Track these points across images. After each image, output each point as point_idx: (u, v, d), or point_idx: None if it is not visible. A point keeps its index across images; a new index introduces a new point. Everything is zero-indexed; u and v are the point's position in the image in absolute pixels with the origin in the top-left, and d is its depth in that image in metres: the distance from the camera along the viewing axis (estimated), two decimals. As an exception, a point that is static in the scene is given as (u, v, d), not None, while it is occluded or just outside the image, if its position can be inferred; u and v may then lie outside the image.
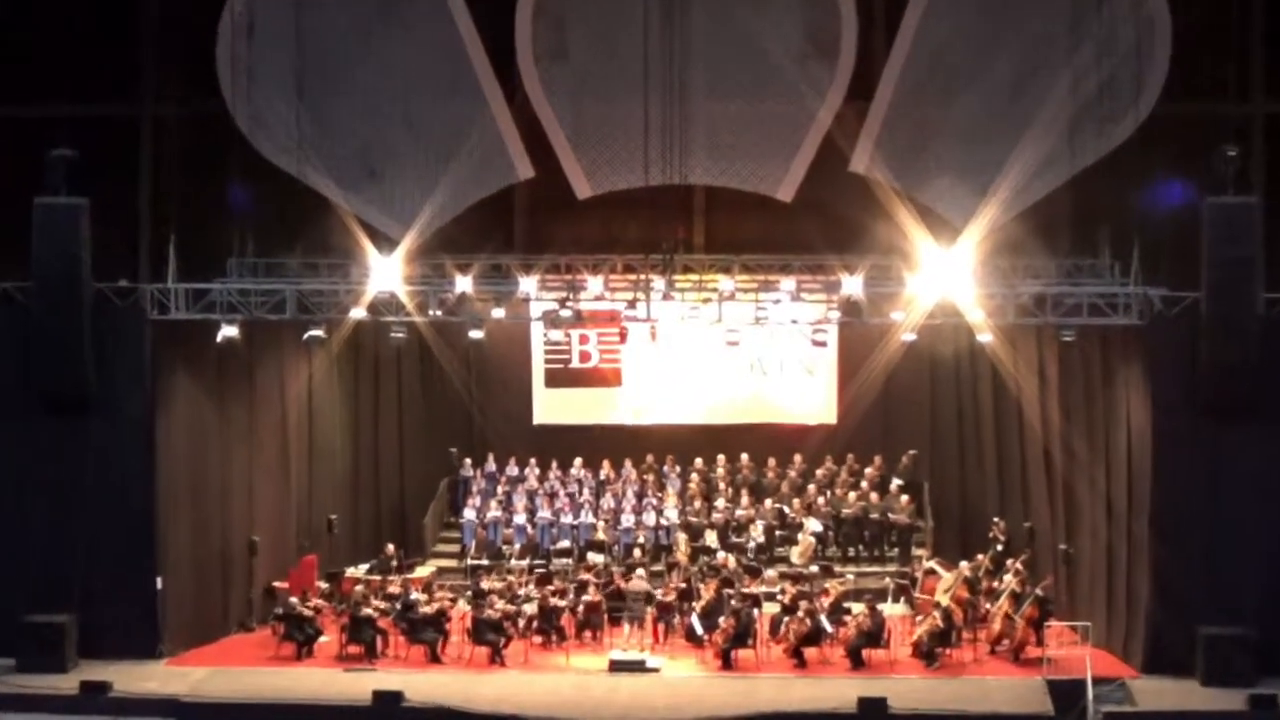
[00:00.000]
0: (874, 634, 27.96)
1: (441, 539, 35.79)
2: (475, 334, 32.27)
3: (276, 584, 31.47)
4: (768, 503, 34.30)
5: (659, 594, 29.96)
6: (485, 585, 30.49)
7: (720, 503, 34.43)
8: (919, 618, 29.32)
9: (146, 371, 28.46)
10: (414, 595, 29.68)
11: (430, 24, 29.31)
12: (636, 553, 32.75)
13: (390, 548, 32.97)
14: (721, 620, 28.43)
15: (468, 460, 36.26)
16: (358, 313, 29.59)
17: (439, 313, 29.82)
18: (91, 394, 28.18)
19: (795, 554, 33.20)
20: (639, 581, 30.05)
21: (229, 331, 29.18)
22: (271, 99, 29.29)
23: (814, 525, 33.54)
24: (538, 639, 29.20)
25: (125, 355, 28.33)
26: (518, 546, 33.55)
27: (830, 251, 29.54)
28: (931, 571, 30.52)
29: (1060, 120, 28.45)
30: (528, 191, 32.89)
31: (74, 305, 27.74)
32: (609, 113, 29.45)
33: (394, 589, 30.54)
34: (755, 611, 28.76)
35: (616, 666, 27.81)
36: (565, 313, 29.53)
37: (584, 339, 36.07)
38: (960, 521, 34.63)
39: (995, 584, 29.73)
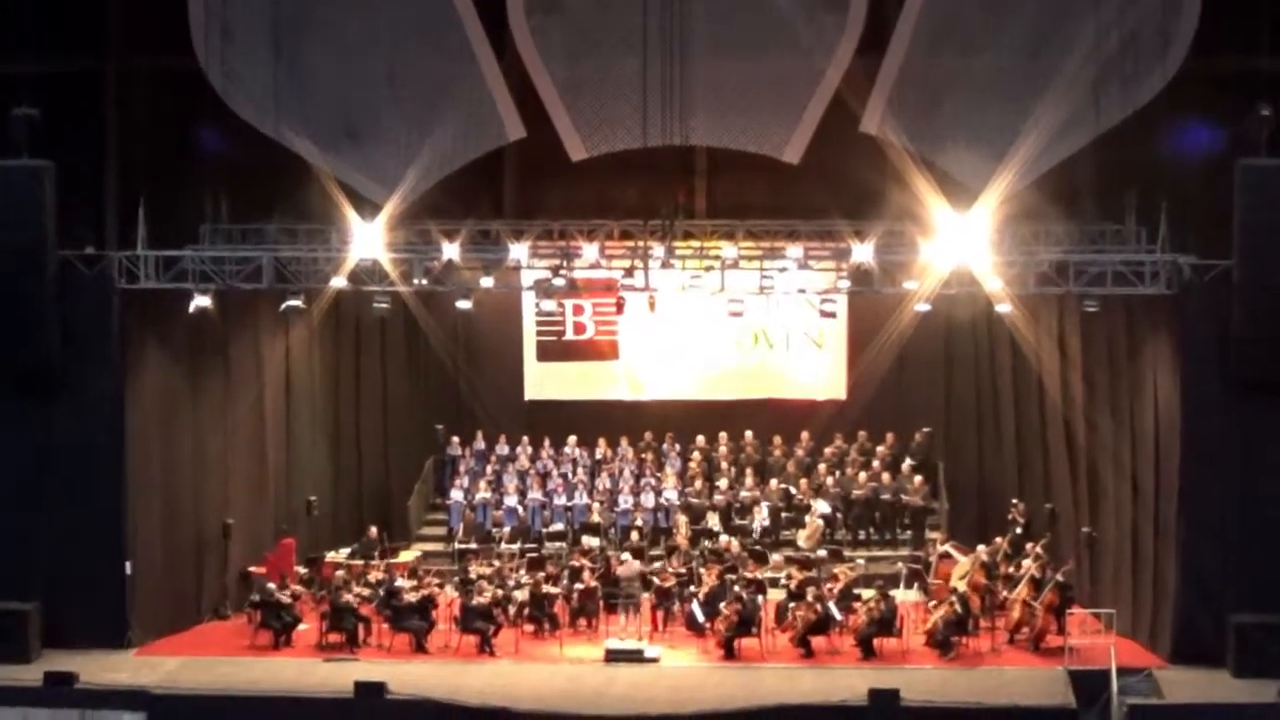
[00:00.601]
0: (886, 622, 27.92)
1: (427, 521, 35.75)
2: (463, 304, 32.19)
3: (253, 569, 31.36)
4: (773, 483, 34.26)
5: (658, 580, 29.90)
6: (473, 570, 30.39)
7: (723, 483, 34.39)
8: (933, 605, 29.29)
9: (114, 344, 28.38)
10: (398, 581, 29.65)
11: (415, -26, 29.26)
12: (634, 536, 32.67)
13: (373, 531, 32.89)
14: (724, 607, 28.40)
15: (455, 438, 36.22)
16: (338, 282, 29.49)
17: (424, 282, 29.75)
18: (56, 368, 28.07)
19: (802, 537, 33.18)
20: (630, 565, 29.94)
21: (202, 301, 29.07)
22: (247, 54, 29.10)
23: (822, 507, 33.50)
24: (529, 627, 29.18)
25: (92, 327, 28.23)
26: (508, 529, 33.49)
27: (840, 217, 29.43)
28: (947, 556, 30.51)
29: (1083, 78, 28.25)
30: (518, 153, 32.73)
31: (37, 274, 27.61)
32: (605, 69, 29.25)
33: (377, 574, 30.48)
34: (760, 598, 28.74)
35: (613, 656, 27.77)
36: (558, 282, 29.48)
37: (578, 310, 36.10)
38: (977, 503, 34.62)
39: (1014, 569, 29.67)
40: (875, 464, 34.53)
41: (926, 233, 28.54)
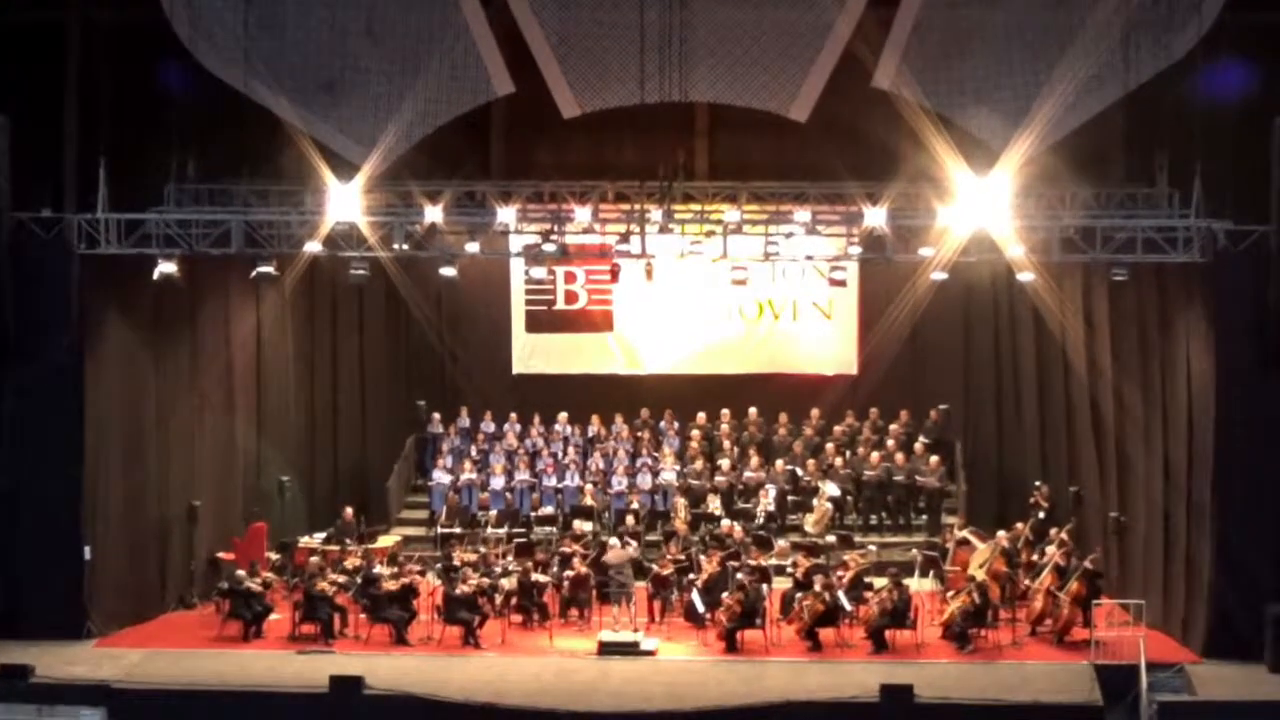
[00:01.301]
0: (899, 613, 27.83)
1: (408, 504, 35.74)
2: (447, 271, 32.00)
3: (221, 555, 31.37)
4: (779, 464, 34.19)
5: (655, 567, 29.83)
6: (457, 557, 30.34)
7: (724, 464, 34.32)
8: (950, 594, 29.24)
9: (73, 313, 28.30)
10: (376, 568, 29.56)
11: (396, -83, 29.13)
12: (629, 520, 32.55)
13: (349, 513, 32.77)
14: (725, 597, 28.35)
15: (437, 415, 36.20)
16: (313, 247, 29.42)
17: (406, 247, 29.70)
18: (10, 338, 27.94)
19: (810, 522, 33.17)
20: (619, 551, 29.80)
21: (167, 268, 28.96)
22: (215, 3, 28.92)
23: (831, 489, 33.46)
24: (517, 618, 29.15)
25: (48, 295, 28.12)
26: (494, 513, 33.42)
27: (850, 178, 29.38)
28: (964, 542, 30.40)
29: (1113, 29, 28.11)
30: (507, 110, 32.88)
31: (-11, 238, 27.56)
32: (600, 20, 29.11)
33: (354, 561, 30.44)
34: (764, 587, 28.67)
35: (606, 649, 27.70)
36: (549, 247, 29.42)
37: (570, 277, 36.10)
38: (997, 485, 34.62)
39: (1036, 556, 29.66)
40: (888, 443, 34.49)
41: (943, 196, 28.46)
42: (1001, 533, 30.28)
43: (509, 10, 29.22)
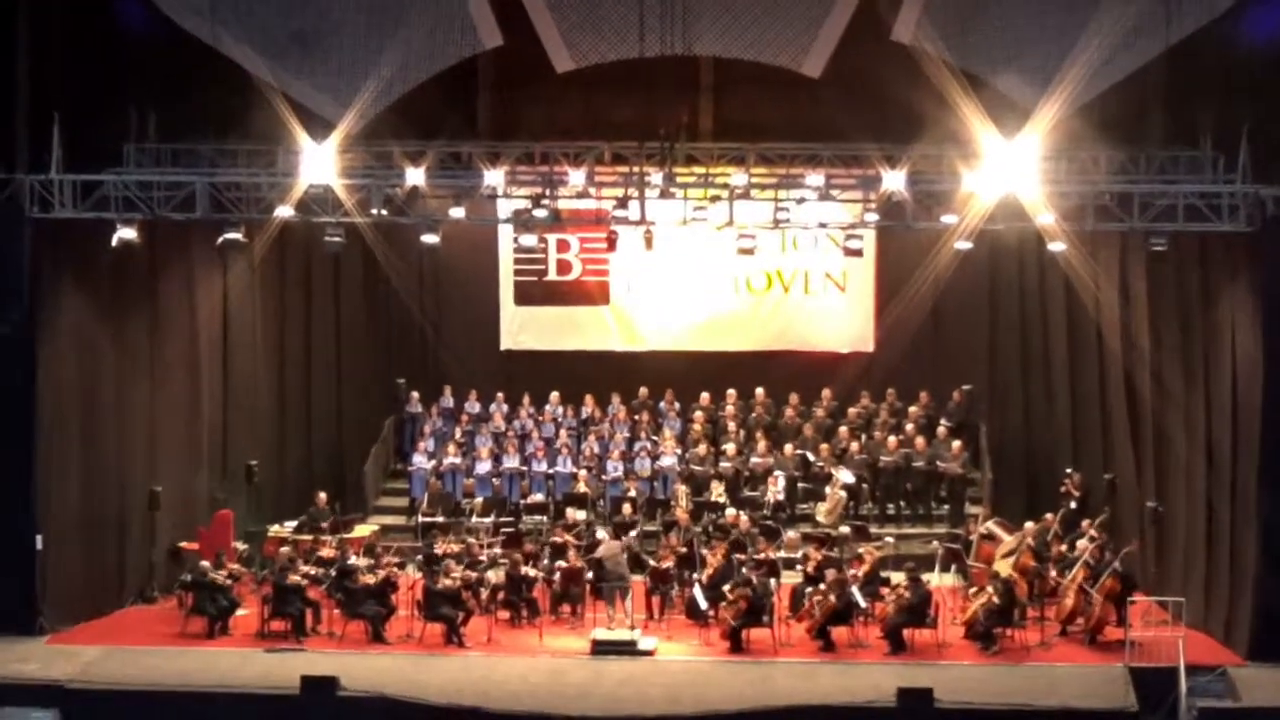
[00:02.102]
0: (918, 610, 27.79)
1: (386, 491, 35.79)
2: (429, 239, 31.96)
3: (184, 545, 31.33)
4: (788, 448, 34.16)
5: (653, 560, 29.79)
6: (440, 548, 30.32)
7: (729, 448, 34.26)
8: (973, 591, 29.13)
9: (25, 282, 28.18)
10: (352, 560, 29.49)
11: None
12: (626, 509, 32.49)
13: (323, 500, 32.71)
14: (730, 593, 28.26)
15: (416, 395, 36.22)
16: (285, 212, 29.40)
17: (385, 212, 29.71)
18: (-44, 310, 27.93)
19: (822, 512, 33.13)
20: (610, 544, 29.69)
21: (126, 234, 28.85)
22: (178, -53, 29.04)
23: (845, 476, 33.39)
24: (504, 614, 29.15)
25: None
26: (480, 500, 33.40)
27: (868, 139, 29.27)
28: (989, 534, 30.44)
29: (1152, -23, 28.19)
30: (495, 64, 32.87)
31: (-65, 200, 27.54)
32: (596, -36, 29.28)
33: (328, 552, 30.42)
34: (772, 582, 28.66)
35: (601, 648, 27.65)
36: (540, 213, 29.43)
37: (563, 246, 36.14)
38: (1025, 473, 34.61)
39: (1067, 550, 29.55)
40: (908, 427, 34.47)
41: (968, 159, 28.37)
42: (1029, 524, 30.26)
43: (497, -46, 29.29)
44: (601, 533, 30.64)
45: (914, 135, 29.42)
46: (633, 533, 31.05)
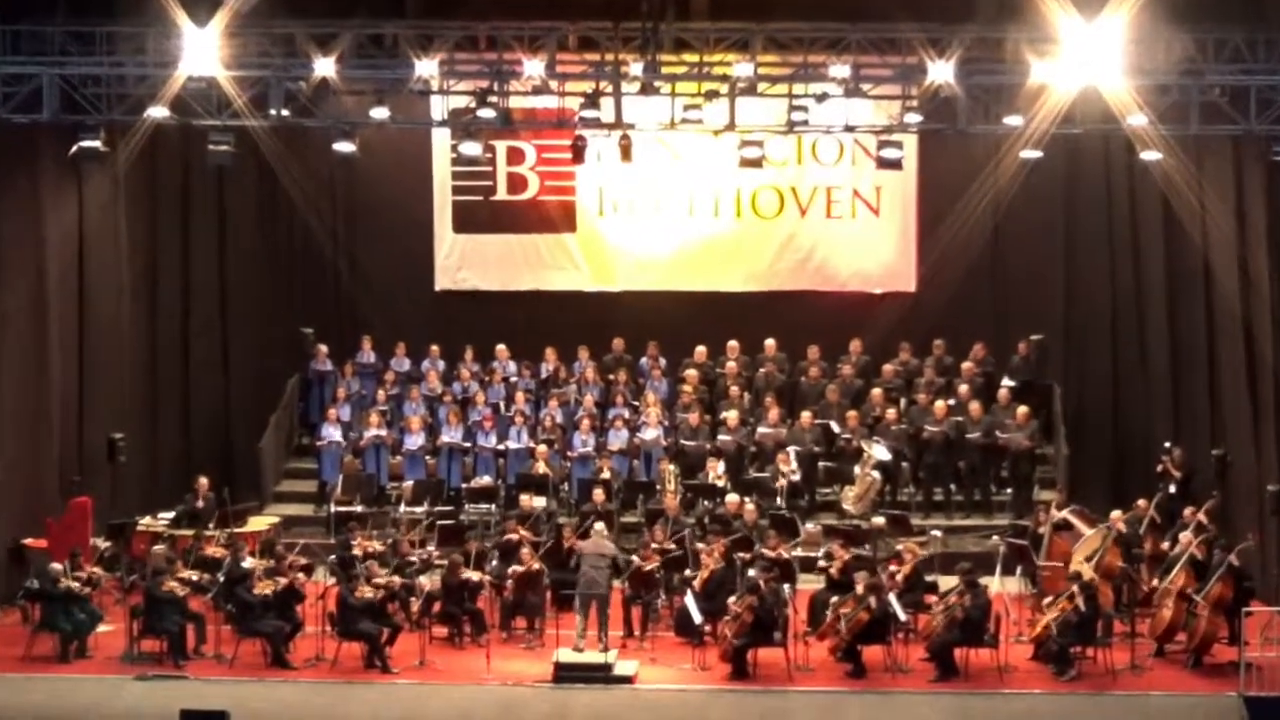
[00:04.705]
0: (973, 625, 27.77)
1: (289, 472, 36.06)
2: (344, 147, 32.05)
3: (28, 542, 31.32)
4: (806, 416, 34.22)
5: (635, 560, 29.77)
6: (358, 546, 30.37)
7: (730, 416, 34.31)
8: (1046, 600, 29.17)
9: None
10: (246, 561, 29.48)
11: None
12: (598, 495, 32.51)
13: (206, 485, 32.70)
14: (732, 602, 28.25)
15: (324, 348, 36.26)
16: (157, 112, 29.51)
17: (286, 113, 29.85)
18: None
19: (850, 498, 33.23)
20: (597, 539, 29.72)
21: (-50, 142, 28.92)
22: None
23: (879, 452, 33.49)
24: (441, 630, 29.20)
25: None
26: (410, 485, 33.47)
27: (908, 19, 29.41)
28: (1065, 526, 30.47)
29: None
30: (429, -77, 32.70)
31: None
32: None
33: (214, 551, 30.47)
34: (786, 589, 28.69)
35: (565, 673, 27.65)
36: (487, 114, 29.57)
37: (516, 156, 36.34)
38: (1111, 447, 34.85)
39: (1165, 546, 29.67)
40: (960, 388, 34.55)
41: (1037, 44, 28.36)
42: (1116, 513, 30.21)
43: None
44: (599, 525, 30.41)
45: (967, 14, 29.58)
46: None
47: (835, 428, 34.11)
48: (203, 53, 28.59)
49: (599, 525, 30.12)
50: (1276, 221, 30.57)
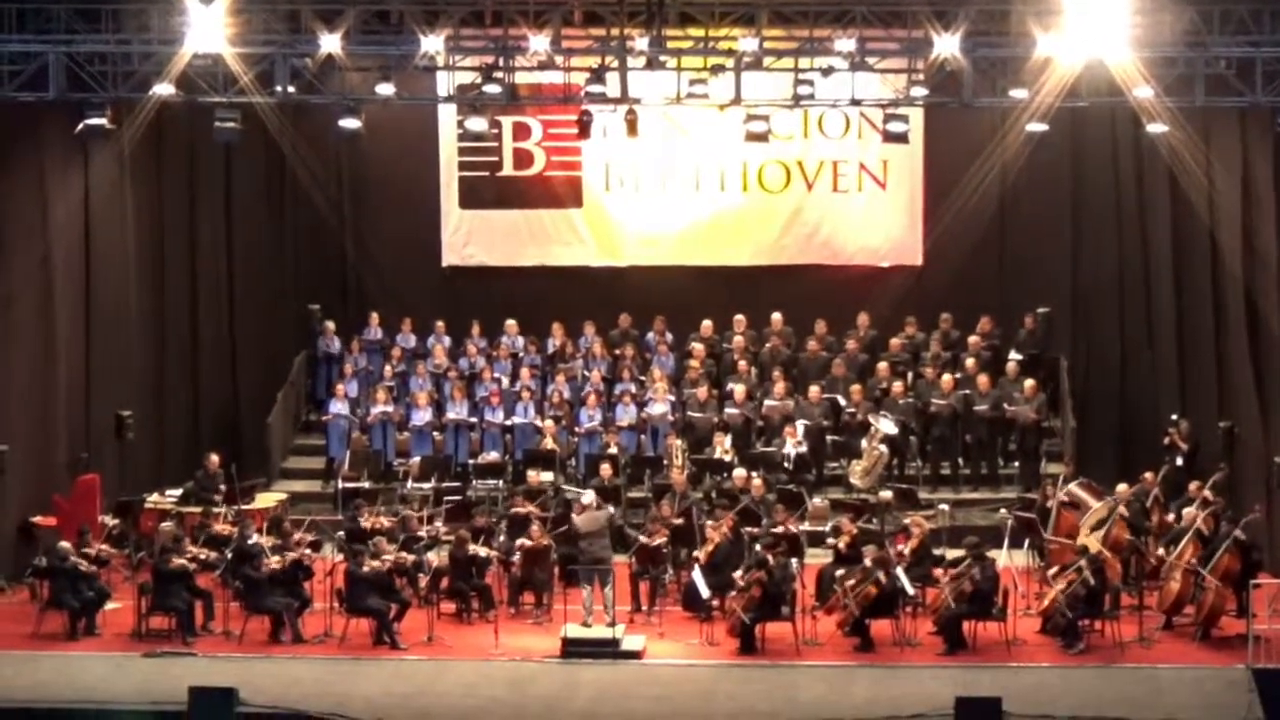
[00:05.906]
0: (981, 598, 27.86)
1: (296, 449, 36.10)
2: (349, 124, 31.99)
3: (37, 519, 31.39)
4: (813, 390, 34.27)
5: (642, 536, 29.83)
6: (366, 522, 30.42)
7: (738, 390, 34.33)
8: (1053, 572, 29.20)
9: None
10: (253, 538, 29.47)
11: None
12: (605, 470, 32.54)
13: (215, 462, 32.80)
14: (739, 577, 28.36)
15: (332, 325, 36.34)
16: (163, 90, 29.48)
17: (292, 90, 29.84)
18: None
19: (857, 472, 33.29)
20: (592, 513, 29.76)
21: (-45, 120, 28.96)
22: None
23: (886, 426, 33.49)
24: (449, 606, 29.27)
25: None
26: (417, 461, 33.58)
27: (914, -9, 29.37)
28: (1073, 500, 30.48)
29: None
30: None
31: None
32: None
33: (222, 528, 30.50)
34: (794, 563, 28.74)
35: (573, 649, 27.75)
36: (493, 89, 29.55)
37: (522, 132, 36.35)
38: (1118, 420, 34.89)
39: (1172, 519, 29.70)
40: (967, 361, 34.62)
41: (1043, 16, 28.30)
42: (1123, 486, 30.30)
43: None
44: (588, 496, 30.47)
45: (972, -13, 29.46)
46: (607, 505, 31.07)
47: (842, 402, 34.18)
48: (208, 29, 28.49)
49: (587, 497, 30.29)
50: (1282, 194, 30.63)
